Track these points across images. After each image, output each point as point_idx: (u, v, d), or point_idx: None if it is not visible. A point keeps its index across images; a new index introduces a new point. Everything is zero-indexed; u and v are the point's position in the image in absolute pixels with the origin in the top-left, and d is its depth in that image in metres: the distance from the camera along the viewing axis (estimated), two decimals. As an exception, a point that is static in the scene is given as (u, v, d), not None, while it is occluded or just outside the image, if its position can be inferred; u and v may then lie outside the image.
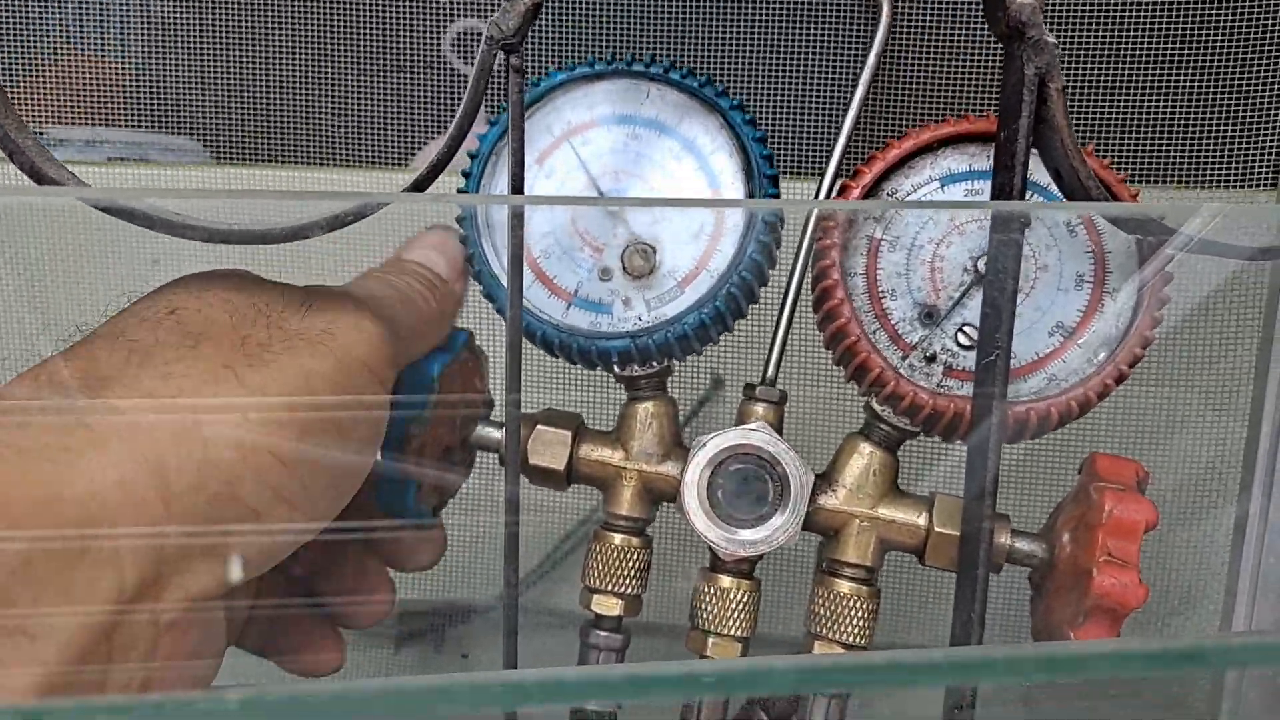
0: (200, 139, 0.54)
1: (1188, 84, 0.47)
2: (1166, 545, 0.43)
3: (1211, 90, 0.47)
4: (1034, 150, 0.31)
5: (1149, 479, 0.34)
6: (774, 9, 0.49)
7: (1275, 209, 0.41)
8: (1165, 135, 0.48)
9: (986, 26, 0.33)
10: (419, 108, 0.53)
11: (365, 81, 0.53)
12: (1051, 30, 0.30)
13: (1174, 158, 0.48)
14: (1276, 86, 0.47)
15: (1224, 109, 0.47)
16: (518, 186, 0.28)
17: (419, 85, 0.53)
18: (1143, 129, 0.48)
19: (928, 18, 0.48)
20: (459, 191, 0.37)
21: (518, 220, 0.28)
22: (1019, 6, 0.30)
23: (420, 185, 0.29)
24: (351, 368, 0.30)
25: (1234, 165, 0.48)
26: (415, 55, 0.52)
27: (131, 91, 0.54)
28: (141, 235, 0.27)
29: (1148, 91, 0.48)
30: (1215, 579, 0.41)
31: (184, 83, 0.53)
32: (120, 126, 0.55)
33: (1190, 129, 0.48)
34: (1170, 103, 0.48)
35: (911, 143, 0.35)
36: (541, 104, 0.37)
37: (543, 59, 0.51)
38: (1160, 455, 0.46)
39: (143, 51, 0.53)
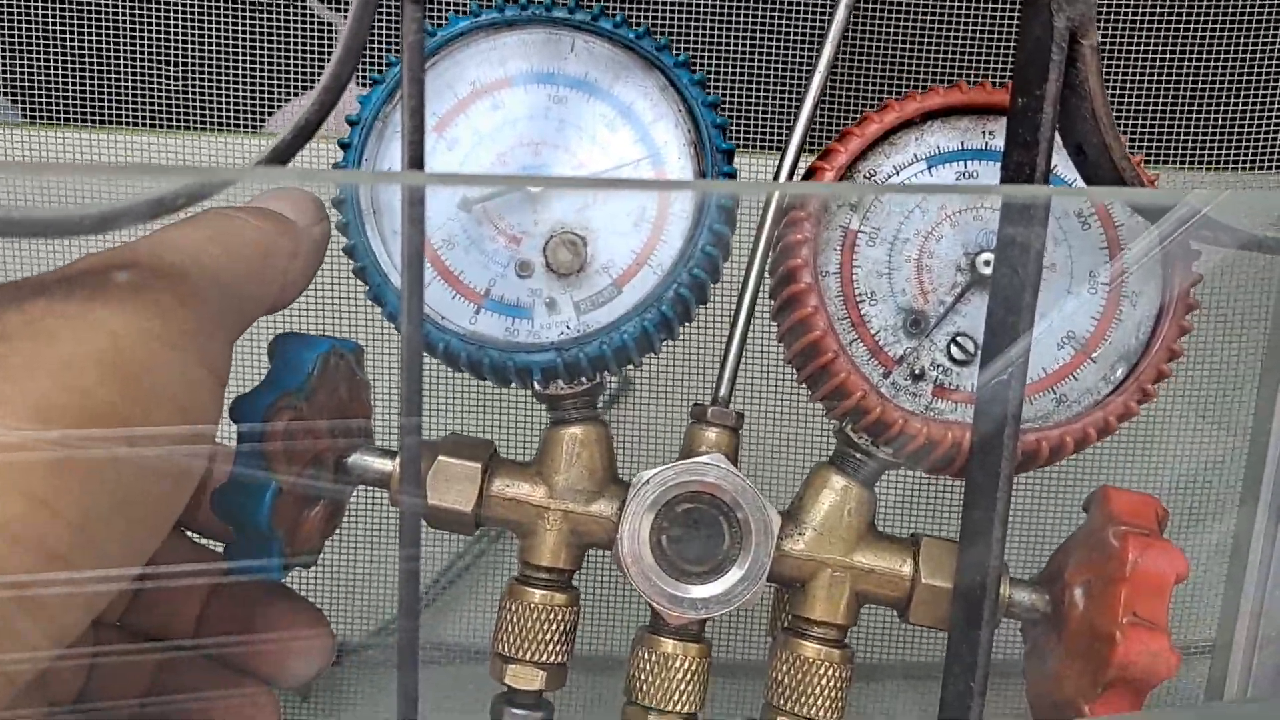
0: (4, 91, 0.45)
1: (1193, 58, 0.42)
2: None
3: (1219, 65, 0.42)
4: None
5: (1168, 518, 0.29)
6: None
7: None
8: (1168, 114, 0.43)
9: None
10: (274, 60, 0.44)
11: (210, 27, 0.44)
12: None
13: (1176, 137, 0.43)
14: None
15: (1231, 84, 0.42)
16: (417, 159, 0.21)
17: (274, 32, 0.44)
18: (1143, 107, 0.43)
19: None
20: (335, 167, 0.29)
21: (417, 205, 0.20)
22: (1048, -56, 0.24)
23: (282, 156, 0.22)
24: (134, 340, 0.22)
25: (1242, 146, 0.43)
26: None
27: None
28: None
29: (1150, 66, 0.42)
30: (1208, 615, 0.37)
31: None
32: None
33: (1195, 107, 0.43)
34: (1175, 78, 0.43)
35: (894, 115, 0.29)
36: (439, 58, 0.30)
37: (439, 1, 0.43)
38: (1143, 472, 0.42)
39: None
